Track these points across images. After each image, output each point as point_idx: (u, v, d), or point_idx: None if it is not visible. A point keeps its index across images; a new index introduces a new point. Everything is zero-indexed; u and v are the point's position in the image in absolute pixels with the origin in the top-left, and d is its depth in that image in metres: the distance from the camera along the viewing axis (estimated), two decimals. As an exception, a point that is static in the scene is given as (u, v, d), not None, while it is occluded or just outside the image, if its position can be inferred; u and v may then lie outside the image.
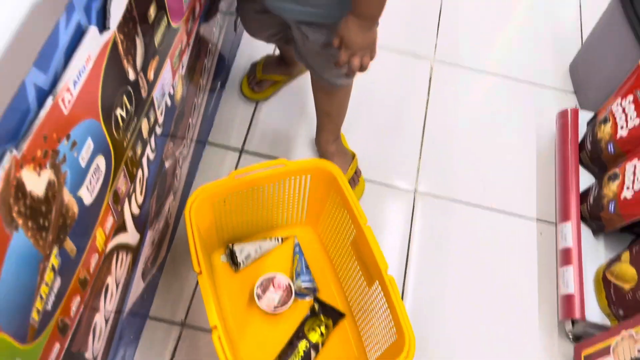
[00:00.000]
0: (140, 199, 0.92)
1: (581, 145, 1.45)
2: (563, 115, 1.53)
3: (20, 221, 0.53)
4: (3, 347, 0.55)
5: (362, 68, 1.02)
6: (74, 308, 0.71)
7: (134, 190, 0.88)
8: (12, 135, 0.51)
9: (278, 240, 1.34)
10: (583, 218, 1.35)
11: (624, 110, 1.30)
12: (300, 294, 1.28)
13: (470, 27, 1.84)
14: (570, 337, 1.28)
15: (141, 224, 0.96)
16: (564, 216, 1.36)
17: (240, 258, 1.28)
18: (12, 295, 0.54)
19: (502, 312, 1.34)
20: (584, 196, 1.37)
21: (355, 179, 1.45)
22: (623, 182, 1.22)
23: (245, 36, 1.52)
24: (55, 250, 0.62)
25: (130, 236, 0.91)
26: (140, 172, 0.89)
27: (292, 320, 1.25)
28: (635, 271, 1.14)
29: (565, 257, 1.31)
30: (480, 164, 1.56)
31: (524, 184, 1.54)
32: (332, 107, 1.34)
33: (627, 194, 1.19)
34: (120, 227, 0.85)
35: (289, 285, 1.27)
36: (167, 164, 1.06)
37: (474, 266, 1.40)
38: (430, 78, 1.70)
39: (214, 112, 1.48)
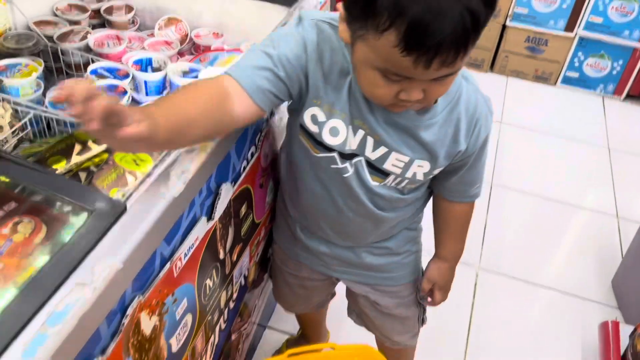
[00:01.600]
0: (208, 362, 1.08)
1: (623, 357, 1.49)
2: (604, 326, 1.59)
3: (131, 352, 0.71)
4: None
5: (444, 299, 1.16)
6: None
7: (206, 352, 1.04)
8: (140, 286, 0.72)
9: None
10: None
11: (658, 324, 1.37)
12: None
13: (514, 240, 2.03)
14: None
15: (205, 386, 1.10)
16: None
17: None
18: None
19: None
20: (629, 409, 1.37)
21: None
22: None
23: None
24: (146, 384, 0.78)
25: (195, 395, 1.05)
26: (213, 337, 1.06)
27: None
28: None
29: None
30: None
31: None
32: None
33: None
34: (190, 383, 0.99)
35: None
36: (233, 337, 1.22)
37: None
38: (476, 284, 1.84)
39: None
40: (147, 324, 0.74)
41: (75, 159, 0.95)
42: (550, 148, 2.54)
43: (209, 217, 0.87)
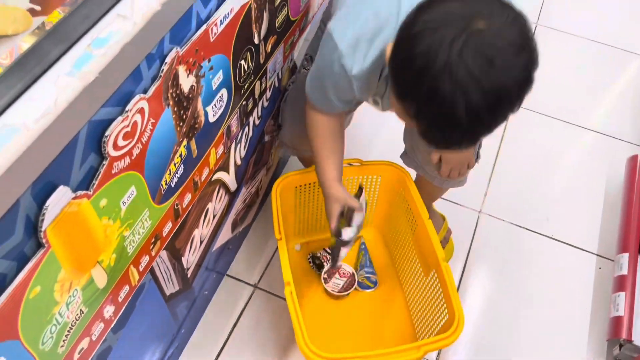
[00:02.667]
0: (243, 152, 1.14)
1: (647, 188, 1.52)
2: (632, 159, 1.61)
3: (170, 102, 0.75)
4: (142, 194, 0.76)
5: (460, 176, 1.16)
6: (186, 201, 0.91)
7: (240, 141, 1.10)
8: (178, 40, 0.74)
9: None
10: (641, 252, 1.40)
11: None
12: (362, 284, 1.42)
13: (552, 80, 1.98)
14: (618, 362, 1.31)
15: (240, 175, 1.18)
16: (623, 248, 1.42)
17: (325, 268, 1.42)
18: (156, 153, 0.75)
19: (553, 333, 1.39)
20: (644, 232, 1.42)
21: (446, 238, 1.51)
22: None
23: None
24: (184, 142, 0.83)
25: (230, 180, 1.13)
26: (247, 128, 1.11)
27: (351, 306, 1.38)
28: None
29: (619, 283, 1.36)
30: (547, 196, 1.65)
31: (588, 220, 1.61)
32: (437, 195, 1.40)
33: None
34: (225, 165, 1.06)
35: (353, 274, 1.41)
36: (266, 138, 1.28)
37: (528, 286, 1.47)
38: (508, 119, 1.84)
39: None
40: (185, 80, 0.77)
41: None
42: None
43: (244, -9, 0.87)
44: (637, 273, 1.35)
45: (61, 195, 0.59)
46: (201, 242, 1.09)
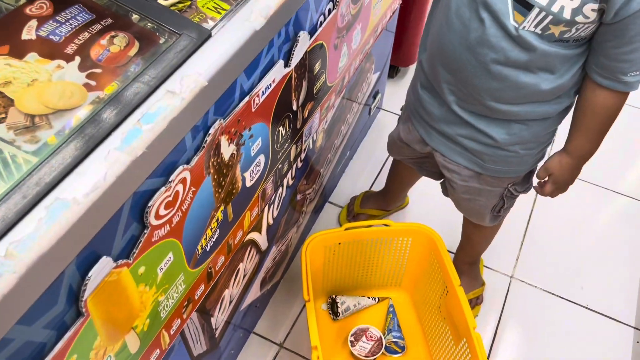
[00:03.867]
0: (275, 213, 1.15)
1: (687, 260, 1.47)
2: (671, 230, 1.56)
3: (211, 170, 0.77)
4: (179, 260, 0.77)
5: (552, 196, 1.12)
6: (219, 263, 0.92)
7: (274, 202, 1.11)
8: (222, 112, 0.76)
9: (375, 299, 1.47)
10: (682, 328, 1.34)
11: None
12: (389, 348, 1.39)
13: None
14: None
15: (271, 235, 1.18)
16: (662, 323, 1.37)
17: (340, 309, 1.42)
18: (194, 220, 0.77)
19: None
20: (685, 307, 1.37)
21: (472, 303, 1.48)
22: None
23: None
24: (221, 207, 0.85)
25: (261, 240, 1.13)
26: (281, 189, 1.12)
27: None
28: None
29: (658, 361, 1.30)
30: (581, 263, 1.61)
31: (625, 290, 1.56)
32: (474, 235, 1.39)
33: None
34: (258, 226, 1.07)
35: (381, 338, 1.39)
36: (298, 197, 1.29)
37: (561, 358, 1.42)
38: (540, 182, 1.82)
39: (339, 177, 1.72)
40: (226, 149, 0.79)
41: (161, 2, 0.98)
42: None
43: (286, 63, 0.90)
44: (678, 351, 1.30)
45: (103, 266, 0.60)
46: (230, 302, 1.09)
